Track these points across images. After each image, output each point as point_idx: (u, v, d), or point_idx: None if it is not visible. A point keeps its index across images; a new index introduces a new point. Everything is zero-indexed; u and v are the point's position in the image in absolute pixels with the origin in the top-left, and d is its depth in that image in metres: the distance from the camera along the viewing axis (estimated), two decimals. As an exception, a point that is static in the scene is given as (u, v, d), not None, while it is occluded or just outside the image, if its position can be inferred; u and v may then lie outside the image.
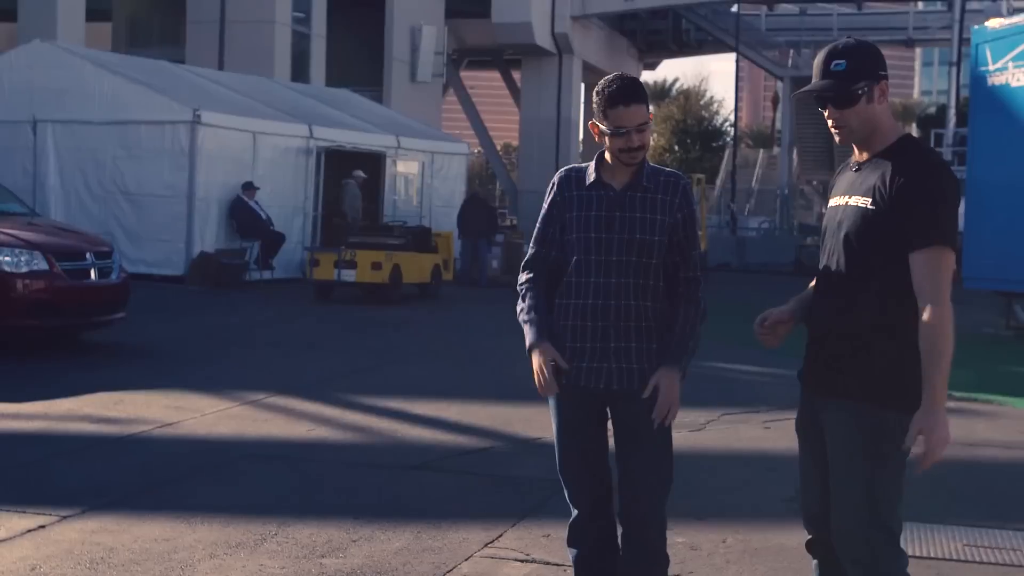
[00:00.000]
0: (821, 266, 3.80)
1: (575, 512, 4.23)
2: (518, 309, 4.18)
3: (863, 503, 3.58)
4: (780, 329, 3.83)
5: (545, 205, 4.20)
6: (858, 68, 3.60)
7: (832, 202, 3.79)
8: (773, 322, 3.82)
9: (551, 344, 4.04)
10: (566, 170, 4.22)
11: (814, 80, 3.69)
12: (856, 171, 3.72)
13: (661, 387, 3.99)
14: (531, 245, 4.25)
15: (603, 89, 4.01)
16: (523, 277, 4.22)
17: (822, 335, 3.73)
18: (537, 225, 4.24)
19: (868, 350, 3.58)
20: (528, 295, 4.15)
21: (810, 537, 3.86)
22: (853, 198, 3.64)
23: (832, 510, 3.66)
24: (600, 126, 4.03)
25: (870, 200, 3.57)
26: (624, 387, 4.04)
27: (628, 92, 3.99)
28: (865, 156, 3.70)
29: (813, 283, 3.94)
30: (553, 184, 4.19)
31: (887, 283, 3.55)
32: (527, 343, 4.09)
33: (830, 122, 3.69)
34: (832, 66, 3.62)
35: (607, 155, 4.11)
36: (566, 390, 4.11)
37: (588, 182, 4.10)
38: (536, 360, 4.05)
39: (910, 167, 3.54)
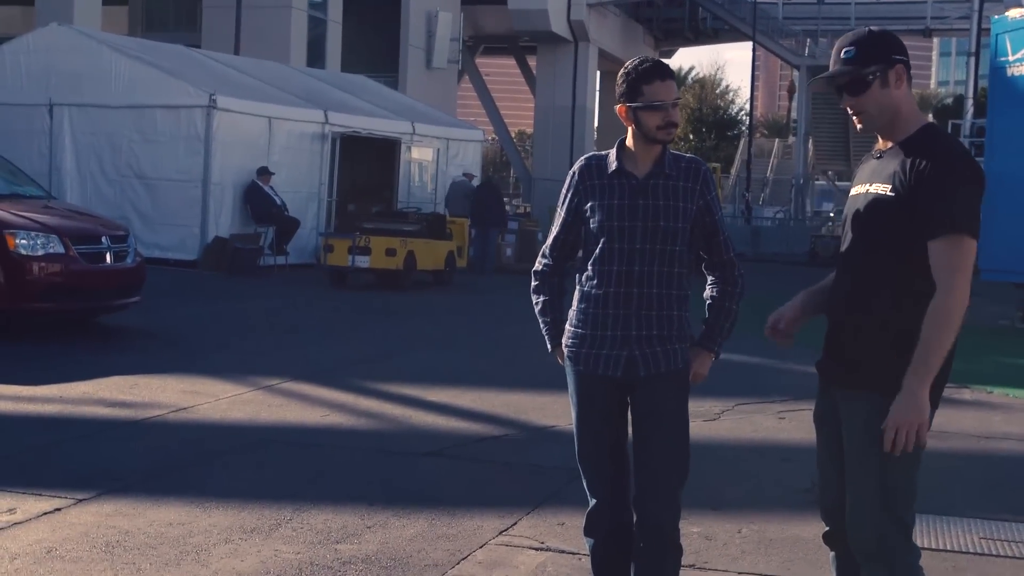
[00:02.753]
0: (840, 253, 3.79)
1: (593, 501, 4.22)
2: (533, 299, 4.29)
3: (876, 495, 3.56)
4: (792, 328, 3.84)
5: (566, 192, 4.19)
6: (868, 53, 3.61)
7: (854, 190, 3.77)
8: (787, 324, 3.83)
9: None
10: (587, 158, 4.20)
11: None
12: (878, 159, 3.69)
13: (692, 364, 4.13)
14: (553, 228, 4.25)
15: (635, 68, 4.02)
16: (539, 264, 4.28)
17: (839, 324, 3.71)
18: (558, 211, 4.24)
19: (884, 341, 3.56)
20: (542, 294, 4.27)
21: (827, 529, 3.84)
22: (874, 185, 3.62)
23: (847, 501, 3.65)
24: (631, 105, 4.01)
25: (890, 187, 3.55)
26: (644, 373, 4.04)
27: (662, 68, 4.04)
28: (888, 144, 3.68)
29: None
30: (574, 172, 4.17)
31: (905, 272, 3.52)
32: (548, 345, 4.30)
33: (849, 110, 3.68)
34: (843, 53, 3.64)
35: (629, 141, 4.10)
36: (585, 379, 4.11)
37: (610, 170, 4.08)
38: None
39: (932, 155, 3.51)
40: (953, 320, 3.43)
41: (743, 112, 70.06)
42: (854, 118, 3.69)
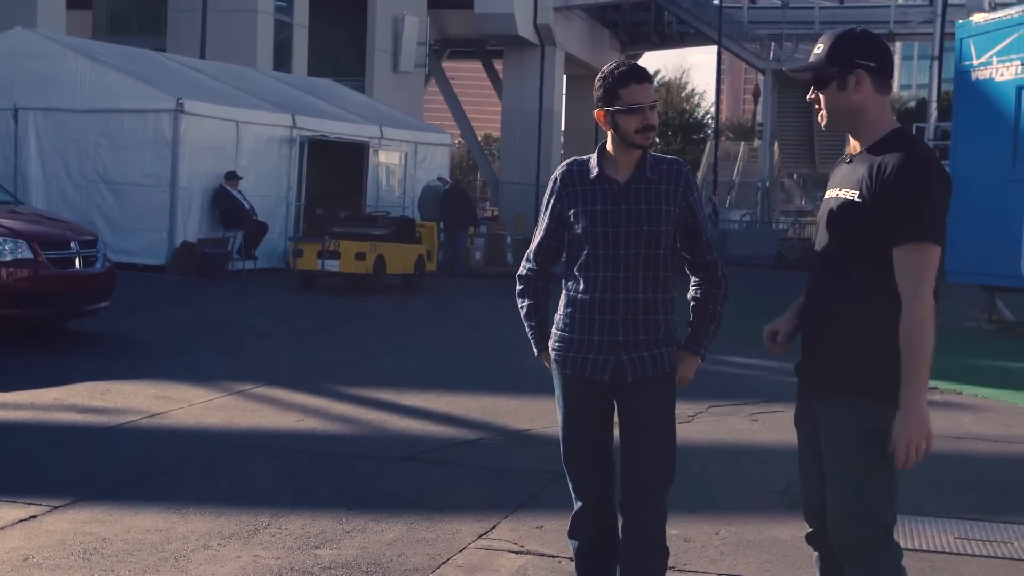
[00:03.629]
0: (812, 259, 3.83)
1: (578, 504, 4.23)
2: (518, 303, 4.31)
3: (857, 497, 3.58)
4: (789, 338, 3.86)
5: (549, 197, 4.21)
6: (833, 53, 3.64)
7: (827, 194, 3.81)
8: (784, 337, 3.84)
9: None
10: (569, 163, 4.21)
11: None
12: (848, 163, 3.73)
13: (679, 368, 4.15)
14: (536, 234, 4.27)
15: (612, 71, 4.04)
16: (523, 269, 4.30)
17: (814, 328, 3.73)
18: (541, 217, 4.25)
19: (859, 344, 3.57)
20: (527, 292, 4.28)
21: (811, 530, 3.85)
22: (843, 191, 3.65)
23: (827, 504, 3.67)
24: (609, 109, 4.02)
25: (857, 193, 3.57)
26: (631, 377, 4.06)
27: (639, 71, 4.05)
28: (858, 149, 3.71)
29: None
30: (556, 178, 4.19)
31: (875, 276, 3.54)
32: (534, 350, 4.32)
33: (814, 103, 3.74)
34: (816, 48, 3.70)
35: (609, 146, 4.11)
36: (572, 382, 4.14)
37: (591, 176, 4.10)
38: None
39: (897, 160, 3.51)
40: (927, 326, 3.45)
41: (708, 115, 70.37)
42: (819, 113, 3.76)
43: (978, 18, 17.21)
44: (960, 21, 17.92)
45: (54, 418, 8.27)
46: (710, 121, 68.46)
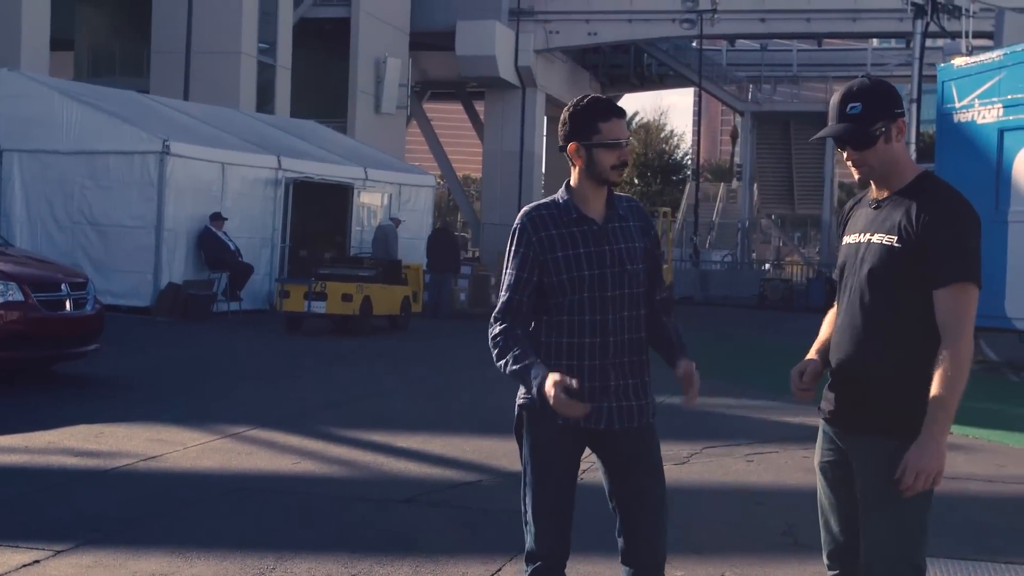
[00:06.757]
0: (842, 304, 3.80)
1: (536, 564, 4.01)
2: (501, 362, 3.92)
3: (892, 540, 3.60)
4: (815, 382, 3.87)
5: (515, 249, 3.97)
6: (874, 109, 3.64)
7: (849, 239, 3.79)
8: (811, 377, 3.85)
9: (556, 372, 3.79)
10: (531, 209, 4.02)
11: (830, 123, 3.72)
12: (875, 208, 3.73)
13: (690, 372, 3.88)
14: (503, 292, 4.00)
15: (589, 104, 3.93)
16: (497, 328, 3.95)
17: (848, 372, 3.74)
18: (508, 271, 3.99)
19: (896, 386, 3.60)
20: (511, 344, 3.90)
21: (833, 573, 3.84)
22: (876, 235, 3.66)
23: (862, 546, 3.67)
24: (587, 144, 3.91)
25: (896, 238, 3.59)
26: (623, 425, 3.97)
27: (615, 105, 3.99)
28: (885, 193, 3.72)
29: (826, 325, 3.95)
30: (523, 227, 3.96)
31: (914, 319, 3.58)
32: (534, 384, 3.78)
33: (849, 163, 3.74)
34: (848, 109, 3.65)
35: (574, 182, 3.99)
36: (561, 432, 3.95)
37: (571, 216, 3.96)
38: (551, 390, 3.69)
39: (935, 205, 3.58)
40: (964, 367, 3.50)
41: (687, 156, 70.79)
42: (852, 169, 3.75)
43: (960, 61, 17.41)
44: (942, 64, 18.13)
45: (49, 461, 8.21)
46: (688, 162, 68.89)
